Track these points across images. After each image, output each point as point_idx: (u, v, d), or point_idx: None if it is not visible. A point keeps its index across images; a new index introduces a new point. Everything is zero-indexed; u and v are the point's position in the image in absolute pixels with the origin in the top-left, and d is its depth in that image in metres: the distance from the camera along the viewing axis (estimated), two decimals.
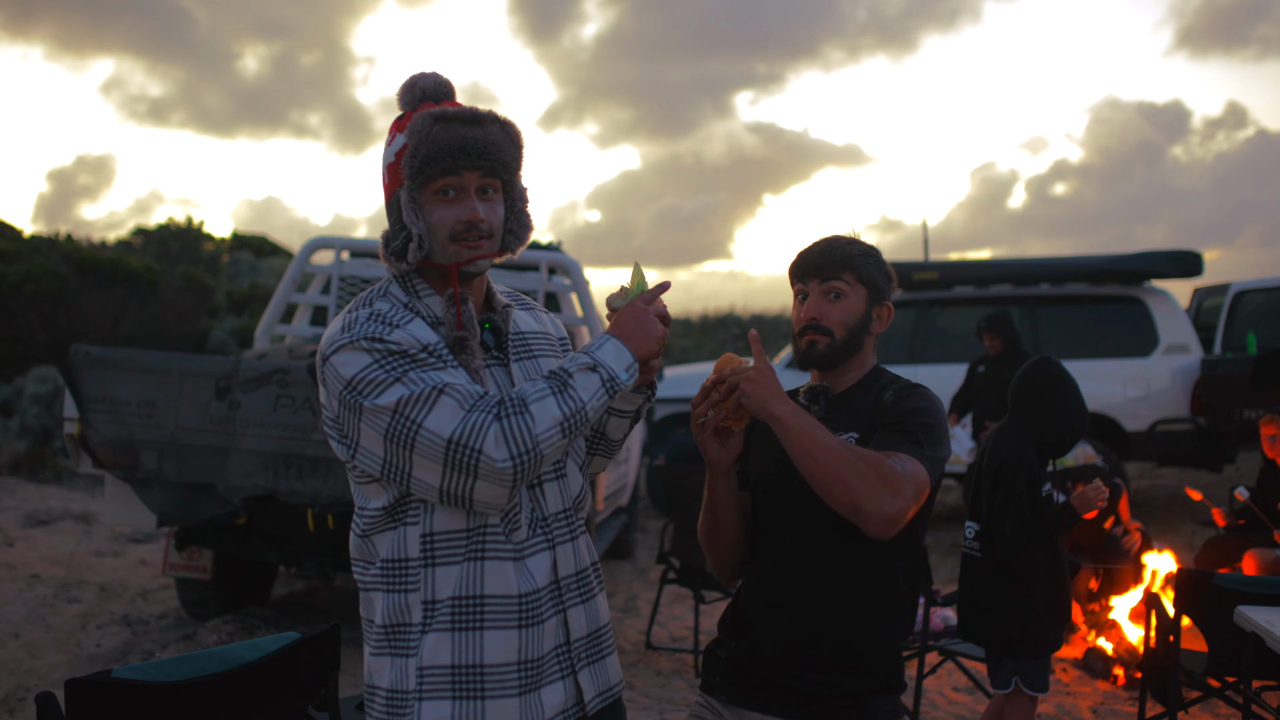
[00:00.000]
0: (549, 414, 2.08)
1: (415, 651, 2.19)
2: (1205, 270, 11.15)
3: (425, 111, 2.20)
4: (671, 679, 6.32)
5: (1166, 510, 11.69)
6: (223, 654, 2.63)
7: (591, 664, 2.35)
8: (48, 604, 7.40)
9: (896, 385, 2.64)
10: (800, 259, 2.65)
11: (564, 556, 2.31)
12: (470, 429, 2.05)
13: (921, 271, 11.47)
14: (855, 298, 2.61)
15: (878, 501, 2.31)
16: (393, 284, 2.30)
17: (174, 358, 5.85)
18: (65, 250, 19.67)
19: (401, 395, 2.07)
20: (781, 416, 2.36)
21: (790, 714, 2.56)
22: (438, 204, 2.21)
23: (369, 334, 2.12)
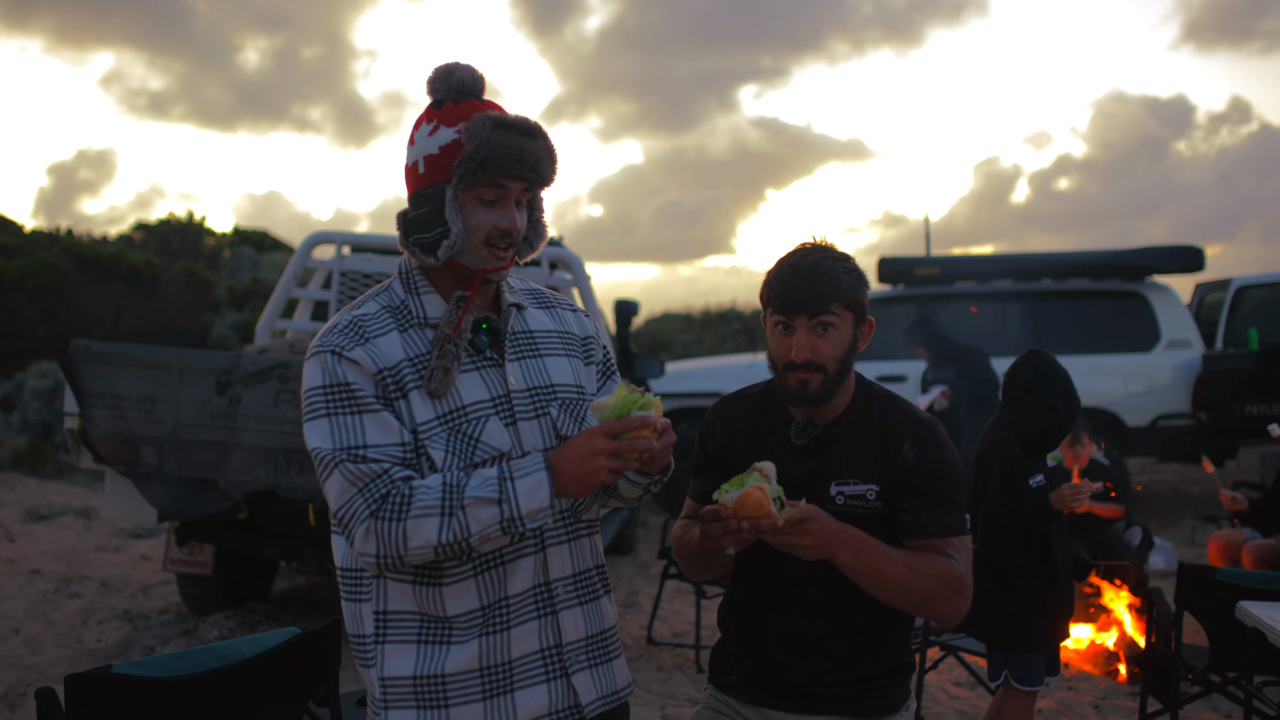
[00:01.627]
0: (423, 535, 2.07)
1: (374, 662, 2.23)
2: (1207, 265, 11.14)
3: (484, 115, 2.19)
4: (673, 674, 6.32)
5: (1168, 505, 11.69)
6: (223, 650, 2.63)
7: (593, 666, 2.33)
8: (48, 599, 7.40)
9: (906, 425, 2.56)
10: (784, 290, 2.49)
11: (557, 559, 2.29)
12: (349, 513, 2.11)
13: (923, 267, 11.47)
14: (844, 326, 2.50)
15: (953, 609, 2.46)
16: (396, 280, 2.32)
17: (174, 353, 5.84)
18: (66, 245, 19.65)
19: (318, 446, 2.14)
20: (849, 563, 2.37)
21: (814, 710, 2.58)
22: (478, 207, 2.22)
23: (334, 346, 2.18)
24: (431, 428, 2.18)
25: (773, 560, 2.58)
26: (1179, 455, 11.10)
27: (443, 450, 2.17)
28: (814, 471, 2.53)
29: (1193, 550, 9.65)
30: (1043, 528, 4.25)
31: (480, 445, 2.20)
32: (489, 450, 2.20)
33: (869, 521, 2.48)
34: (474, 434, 2.20)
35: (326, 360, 2.17)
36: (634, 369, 9.53)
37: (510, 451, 2.22)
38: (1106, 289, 11.16)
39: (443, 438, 2.18)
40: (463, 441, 2.19)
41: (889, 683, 2.59)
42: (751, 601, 2.66)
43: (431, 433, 2.17)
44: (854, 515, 2.49)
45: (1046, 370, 4.38)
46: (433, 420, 2.18)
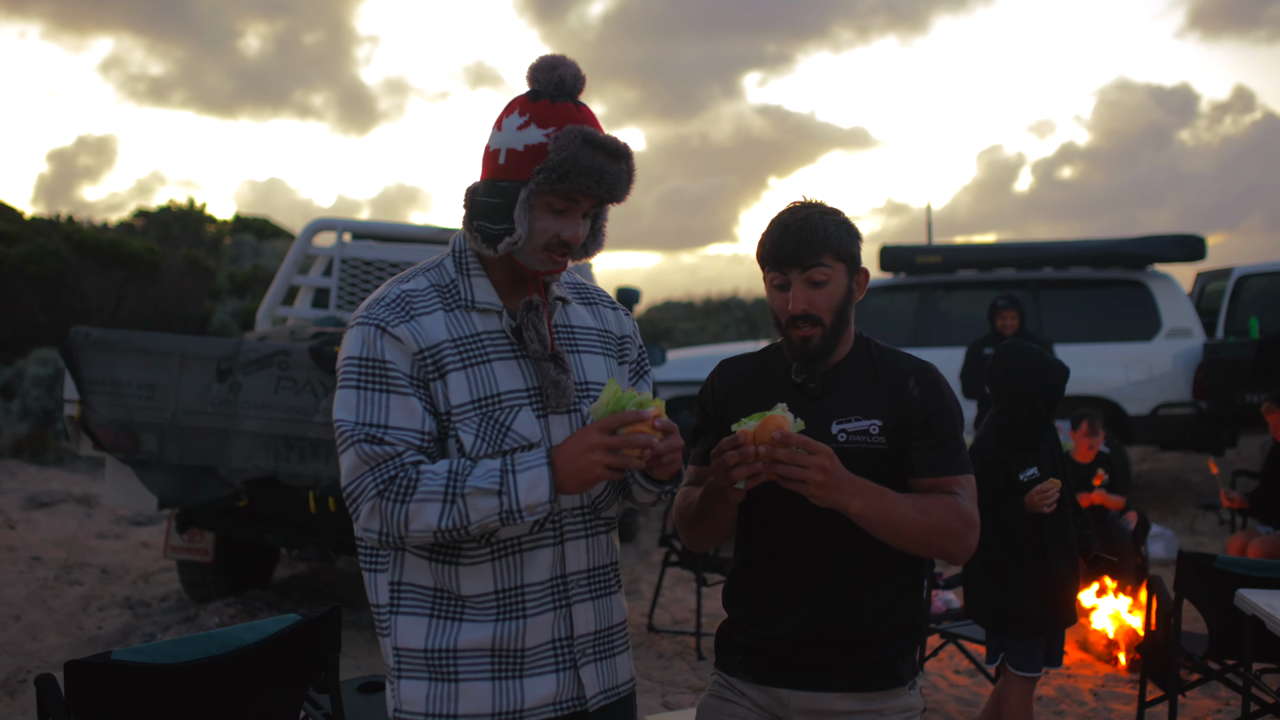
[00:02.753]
0: (425, 519, 2.11)
1: (388, 632, 2.28)
2: (1209, 254, 11.14)
3: (576, 130, 2.19)
4: (674, 661, 6.33)
5: (1168, 494, 11.70)
6: (223, 636, 2.64)
7: (599, 660, 2.36)
8: (49, 586, 7.41)
9: (907, 364, 2.60)
10: (775, 247, 2.53)
11: (574, 553, 2.31)
12: (357, 489, 2.15)
13: (925, 255, 11.46)
14: (838, 277, 2.52)
15: (964, 545, 2.49)
16: (448, 258, 2.34)
17: (175, 339, 5.84)
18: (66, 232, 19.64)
19: (342, 419, 2.18)
20: (860, 512, 2.37)
21: (819, 686, 2.56)
22: (546, 214, 2.23)
23: (379, 320, 2.20)
24: (465, 411, 2.20)
25: (774, 519, 2.58)
26: (1180, 444, 11.10)
27: (473, 435, 2.20)
28: (814, 413, 2.51)
29: (1192, 538, 9.66)
30: (1020, 528, 4.24)
31: (511, 433, 2.22)
32: (519, 439, 2.22)
33: (873, 458, 2.49)
34: (506, 422, 2.22)
35: (369, 333, 2.19)
36: None
37: (540, 443, 2.24)
38: (1108, 278, 11.16)
39: (475, 422, 2.20)
40: (494, 428, 2.21)
41: (895, 653, 2.58)
42: (752, 560, 2.65)
43: (465, 416, 2.20)
44: (857, 452, 2.49)
45: (1018, 362, 4.40)
46: (468, 404, 2.21)
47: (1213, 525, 9.85)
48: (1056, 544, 4.31)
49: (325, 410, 5.45)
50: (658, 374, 11.34)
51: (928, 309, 11.48)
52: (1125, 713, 5.48)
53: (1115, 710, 5.57)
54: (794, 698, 2.57)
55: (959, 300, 11.54)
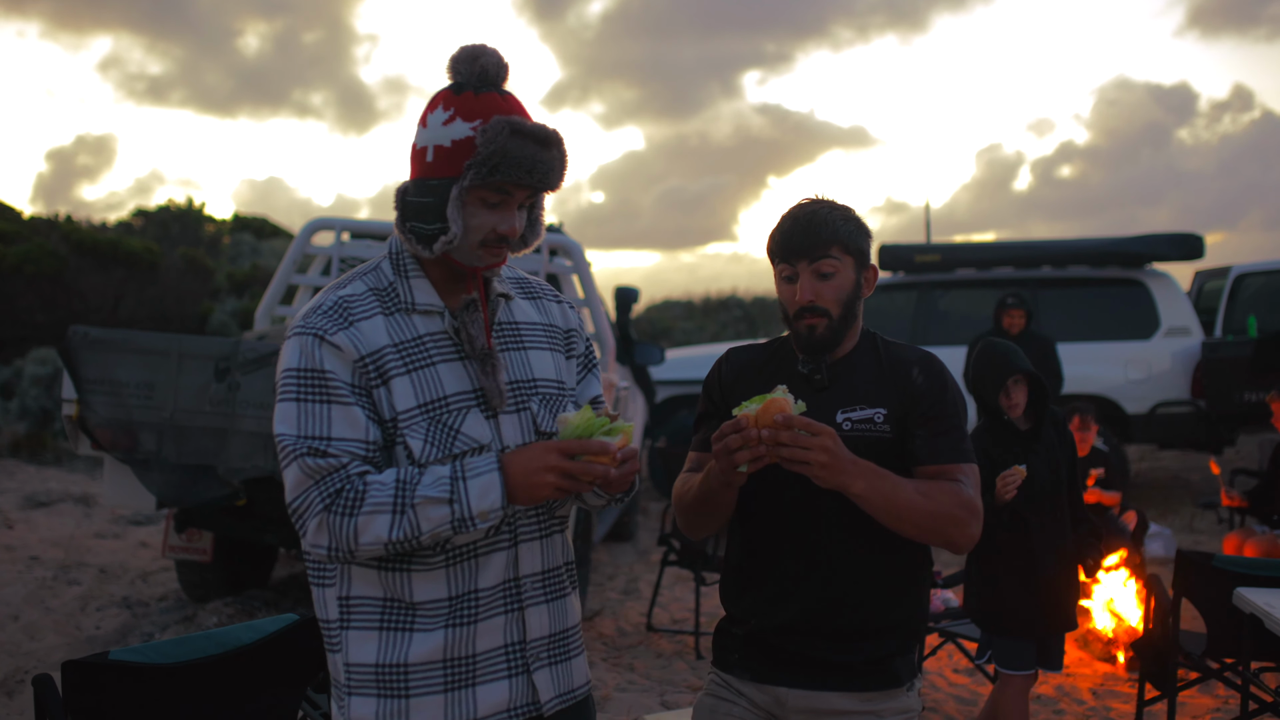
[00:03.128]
0: (374, 531, 2.06)
1: (339, 648, 2.21)
2: (1208, 253, 11.15)
3: (503, 120, 2.13)
4: (672, 660, 6.33)
5: (1167, 492, 11.70)
6: (221, 636, 2.64)
7: (553, 664, 2.31)
8: (47, 586, 7.41)
9: (912, 355, 2.63)
10: (784, 238, 2.56)
11: (528, 555, 2.26)
12: (303, 505, 2.10)
13: (923, 254, 11.47)
14: (845, 271, 2.55)
15: (967, 532, 2.49)
16: (385, 260, 2.28)
17: (173, 339, 5.84)
18: (65, 231, 19.63)
19: (283, 432, 2.12)
20: (863, 493, 2.37)
21: (817, 684, 2.55)
22: (480, 209, 2.17)
23: (317, 329, 2.14)
24: (412, 416, 2.15)
25: (772, 509, 2.59)
26: (1178, 442, 11.11)
27: (421, 440, 2.15)
28: (820, 403, 2.53)
29: (1191, 537, 9.67)
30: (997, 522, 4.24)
31: (460, 436, 2.17)
32: (469, 441, 2.17)
33: (879, 446, 2.49)
34: (455, 425, 2.17)
35: (307, 343, 2.14)
36: (634, 356, 9.52)
37: (490, 444, 2.19)
38: (1106, 276, 11.18)
39: (422, 427, 2.15)
40: (443, 432, 2.16)
41: (892, 651, 2.57)
42: (750, 552, 2.65)
43: (412, 421, 2.15)
44: (862, 440, 2.50)
45: (981, 357, 4.44)
46: (414, 409, 2.16)
47: (1211, 524, 9.85)
48: (1043, 542, 4.29)
49: None
50: (656, 373, 11.34)
51: (926, 308, 11.49)
52: (1124, 711, 5.49)
53: (1114, 709, 5.58)
54: (791, 696, 2.56)
55: (958, 299, 11.55)
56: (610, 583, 8.17)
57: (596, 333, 8.23)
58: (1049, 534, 4.30)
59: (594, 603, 7.46)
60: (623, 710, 5.28)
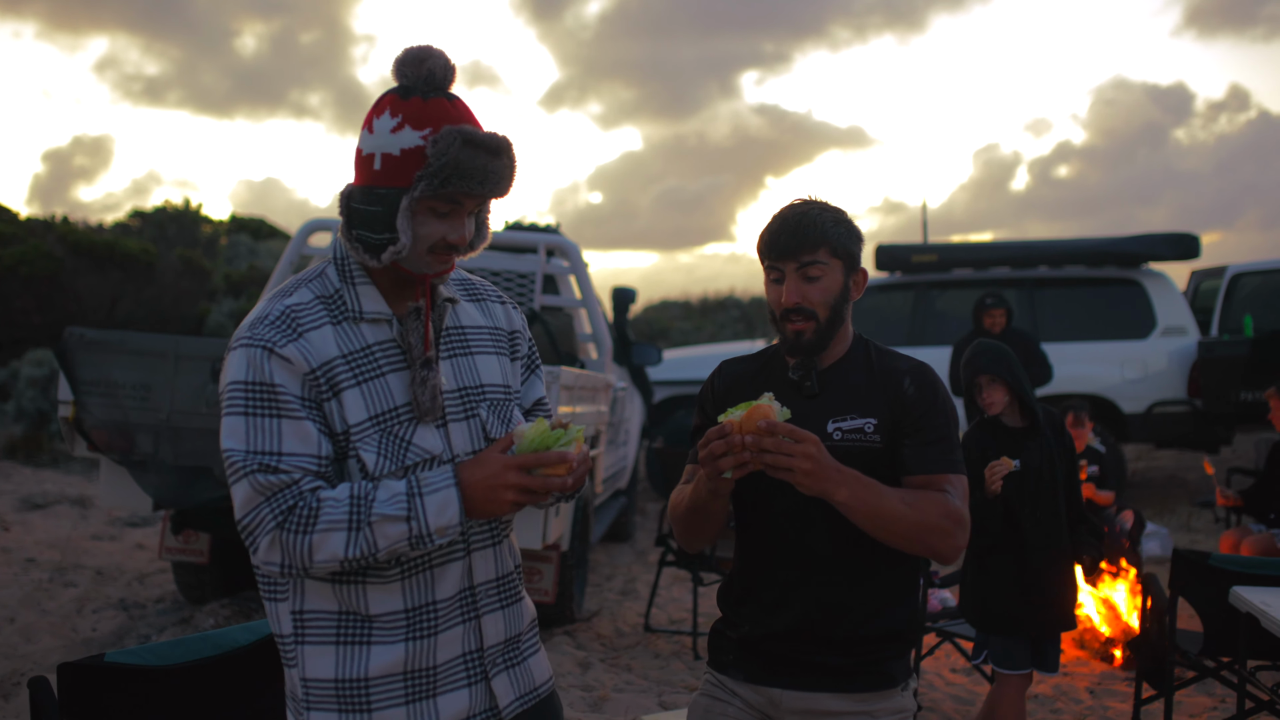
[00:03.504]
0: (330, 549, 2.02)
1: (295, 663, 2.19)
2: (1205, 253, 11.19)
3: (454, 131, 2.09)
4: (670, 661, 6.33)
5: (1164, 492, 11.71)
6: (217, 637, 2.63)
7: (510, 668, 2.29)
8: (43, 588, 7.40)
9: (904, 364, 2.62)
10: (772, 239, 2.55)
11: (481, 563, 2.24)
12: (254, 522, 2.05)
13: (920, 254, 11.49)
14: (833, 274, 2.54)
15: (952, 543, 2.47)
16: (330, 265, 2.23)
17: (169, 340, 5.83)
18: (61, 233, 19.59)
19: (231, 448, 2.07)
20: (847, 501, 2.36)
21: (811, 685, 2.56)
22: (429, 218, 2.13)
23: (265, 341, 2.08)
24: (364, 429, 2.12)
25: (767, 518, 2.59)
26: (1175, 442, 11.13)
27: (374, 452, 2.11)
28: (811, 412, 2.53)
29: (1188, 536, 9.67)
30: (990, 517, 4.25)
31: (412, 447, 2.14)
32: (420, 452, 2.15)
33: (869, 456, 2.49)
34: (406, 436, 2.14)
35: (255, 355, 2.07)
36: (632, 356, 9.53)
37: (441, 454, 2.17)
38: (1103, 276, 11.20)
39: (375, 440, 2.12)
40: (395, 443, 2.13)
41: (888, 654, 2.57)
42: (747, 558, 2.66)
43: (364, 434, 2.11)
44: (852, 450, 2.50)
45: (968, 357, 4.45)
46: (365, 421, 2.12)
47: (1208, 523, 9.86)
48: (1036, 540, 4.29)
49: None
50: (654, 373, 11.34)
51: (924, 308, 11.50)
52: (1121, 710, 5.49)
53: (1111, 708, 5.58)
54: (785, 697, 2.57)
55: (954, 299, 11.56)
56: (608, 583, 8.17)
57: (594, 333, 8.22)
58: (1043, 531, 4.30)
59: (591, 603, 7.46)
60: (620, 711, 5.27)
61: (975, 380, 4.41)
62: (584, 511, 6.94)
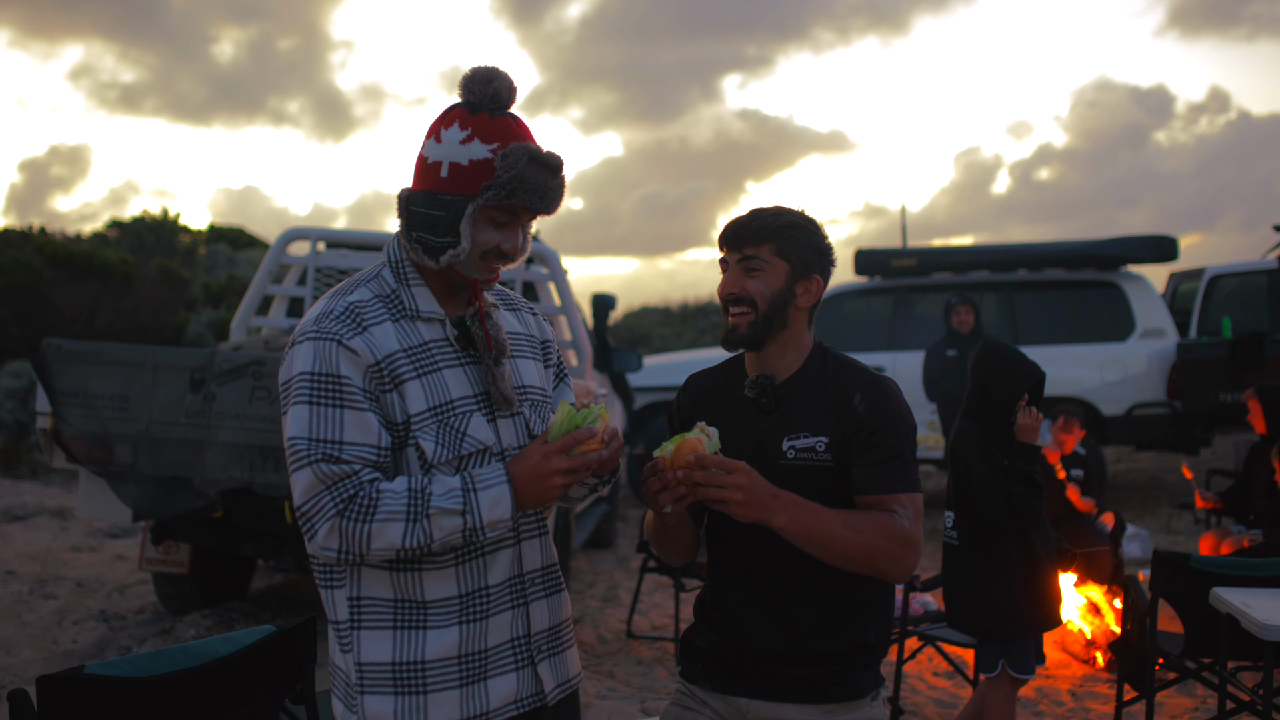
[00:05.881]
0: (387, 538, 2.13)
1: (350, 648, 2.28)
2: (1186, 255, 11.27)
3: (523, 148, 2.24)
4: (653, 667, 6.33)
5: (1144, 494, 11.76)
6: (197, 648, 2.62)
7: (552, 656, 2.41)
8: (23, 600, 7.36)
9: (857, 379, 2.58)
10: (725, 227, 2.62)
11: (530, 552, 2.37)
12: (314, 509, 2.15)
13: (899, 258, 11.53)
14: (774, 271, 2.55)
15: (900, 565, 2.47)
16: (385, 268, 2.36)
17: (147, 350, 5.81)
18: (38, 243, 19.52)
19: (295, 436, 2.18)
20: (786, 527, 2.38)
21: (776, 697, 2.56)
22: (488, 226, 2.27)
23: (334, 334, 2.21)
24: (423, 419, 2.23)
25: (730, 537, 2.61)
26: (1155, 443, 11.18)
27: (433, 441, 2.23)
28: (767, 429, 2.55)
29: (1168, 538, 9.72)
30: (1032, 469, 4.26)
31: (467, 438, 2.26)
32: (475, 444, 2.27)
33: (820, 475, 2.49)
34: (461, 428, 2.26)
35: (324, 348, 2.20)
36: (612, 363, 9.52)
37: (492, 447, 2.29)
38: (1082, 279, 11.25)
39: (433, 430, 2.24)
40: (451, 434, 2.25)
41: (853, 665, 2.57)
42: (714, 574, 2.69)
43: (423, 424, 2.23)
44: (805, 469, 2.51)
45: (986, 356, 4.44)
46: (425, 412, 2.24)
47: (1188, 524, 9.90)
48: (1040, 542, 4.32)
49: None
50: (634, 380, 11.34)
51: (903, 312, 11.54)
52: (1103, 712, 5.51)
53: (1093, 710, 5.59)
54: (751, 706, 2.59)
55: (934, 303, 11.59)
56: (590, 590, 8.16)
57: (574, 340, 8.22)
58: (1041, 533, 4.33)
59: (574, 610, 7.43)
60: (603, 717, 5.27)
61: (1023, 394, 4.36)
62: (565, 518, 6.94)
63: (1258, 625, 3.76)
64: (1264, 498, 6.82)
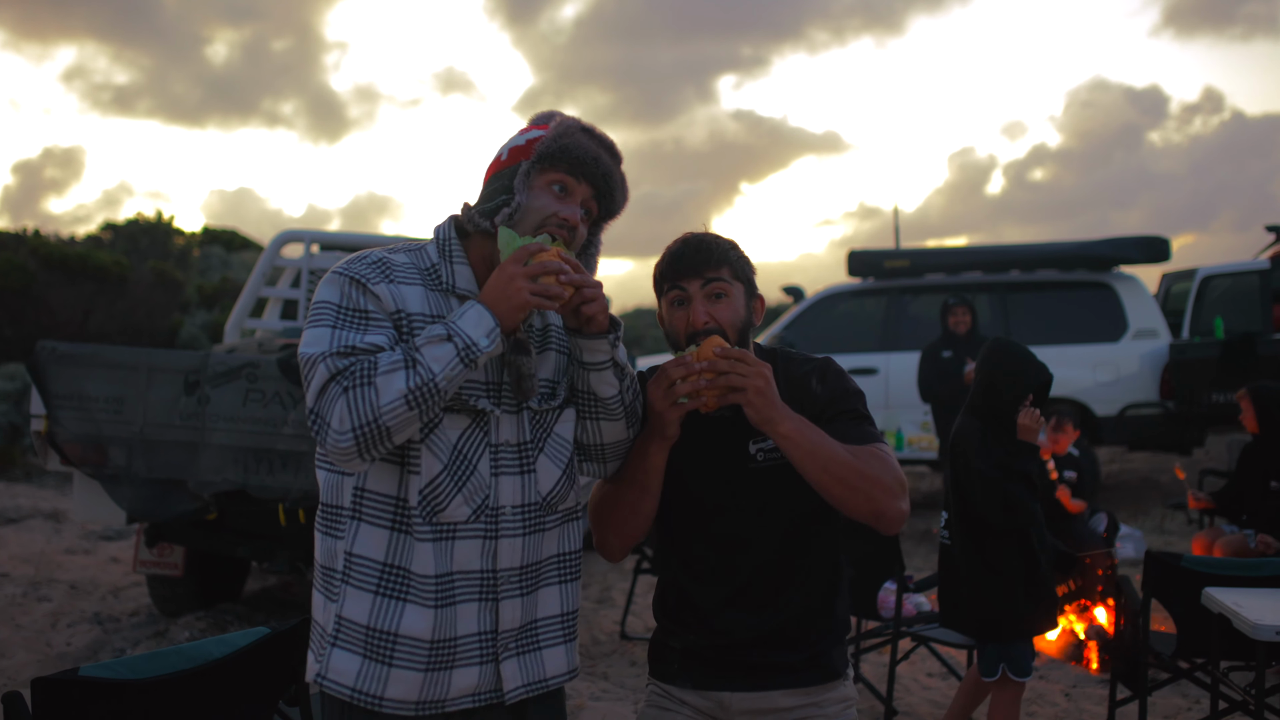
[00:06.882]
0: (394, 387, 2.10)
1: (337, 598, 2.29)
2: (1181, 255, 11.32)
3: (576, 120, 2.36)
4: (646, 668, 6.32)
5: (1137, 494, 11.78)
6: (191, 650, 2.62)
7: (521, 654, 2.36)
8: (17, 603, 7.35)
9: (808, 368, 2.62)
10: (675, 258, 2.54)
11: (508, 549, 2.32)
12: (324, 403, 2.14)
13: (892, 259, 11.54)
14: (737, 295, 2.53)
15: (897, 504, 2.43)
16: (431, 244, 2.38)
17: (141, 353, 5.81)
18: (33, 246, 19.50)
19: (309, 350, 2.18)
20: (789, 434, 2.37)
21: (759, 686, 2.59)
22: (547, 193, 2.30)
23: (360, 275, 2.23)
24: None
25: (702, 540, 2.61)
26: (1148, 444, 11.20)
27: None
28: (732, 436, 2.55)
29: (1161, 538, 9.73)
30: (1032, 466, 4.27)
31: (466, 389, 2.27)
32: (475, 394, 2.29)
33: (793, 475, 2.46)
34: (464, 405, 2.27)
35: (347, 286, 2.23)
36: None
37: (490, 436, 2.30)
38: (1074, 280, 11.27)
39: None
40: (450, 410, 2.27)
41: (828, 644, 2.62)
42: (676, 573, 2.67)
43: None
44: (774, 469, 2.52)
45: (992, 355, 4.44)
46: None
47: (1181, 525, 9.92)
48: (1041, 541, 4.33)
49: (294, 422, 5.44)
50: None
51: (896, 313, 11.55)
52: (1096, 713, 5.52)
53: (1087, 710, 5.60)
54: (734, 699, 2.60)
55: (927, 304, 11.61)
56: (584, 591, 8.16)
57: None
58: (1040, 535, 4.35)
59: None
60: (597, 719, 5.28)
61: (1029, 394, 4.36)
62: None
63: (1249, 625, 3.77)
64: (1257, 498, 6.84)
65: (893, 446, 10.99)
